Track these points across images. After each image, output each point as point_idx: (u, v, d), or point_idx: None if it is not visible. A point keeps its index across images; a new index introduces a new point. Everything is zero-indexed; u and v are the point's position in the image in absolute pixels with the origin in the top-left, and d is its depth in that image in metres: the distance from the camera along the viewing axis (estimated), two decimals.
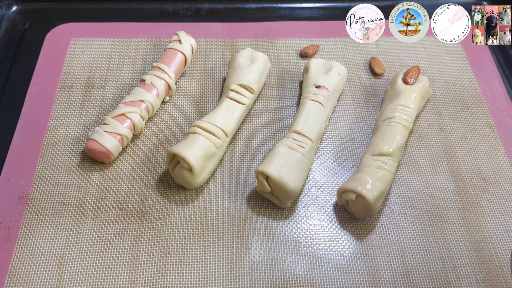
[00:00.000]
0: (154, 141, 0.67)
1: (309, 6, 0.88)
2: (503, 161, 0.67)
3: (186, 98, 0.72)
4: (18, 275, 0.55)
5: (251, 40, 0.81)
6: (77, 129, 0.68)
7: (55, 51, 0.77)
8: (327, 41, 0.81)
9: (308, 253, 0.58)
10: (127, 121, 0.64)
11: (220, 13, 0.86)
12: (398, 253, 0.59)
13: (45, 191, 0.61)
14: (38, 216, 0.59)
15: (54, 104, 0.70)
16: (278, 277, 0.56)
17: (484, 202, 0.63)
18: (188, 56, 0.72)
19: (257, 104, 0.72)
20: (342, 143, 0.68)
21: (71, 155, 0.65)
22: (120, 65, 0.76)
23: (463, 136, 0.70)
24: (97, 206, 0.61)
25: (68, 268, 0.56)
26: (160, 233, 0.59)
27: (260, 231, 0.60)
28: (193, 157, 0.58)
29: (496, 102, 0.74)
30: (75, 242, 0.57)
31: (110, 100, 0.71)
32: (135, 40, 0.79)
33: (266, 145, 0.68)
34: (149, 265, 0.56)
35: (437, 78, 0.77)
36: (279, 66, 0.77)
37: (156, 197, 0.62)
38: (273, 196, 0.60)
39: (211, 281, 0.56)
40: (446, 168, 0.66)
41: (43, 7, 0.85)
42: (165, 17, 0.85)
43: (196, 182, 0.60)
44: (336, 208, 0.62)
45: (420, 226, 0.61)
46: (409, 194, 0.64)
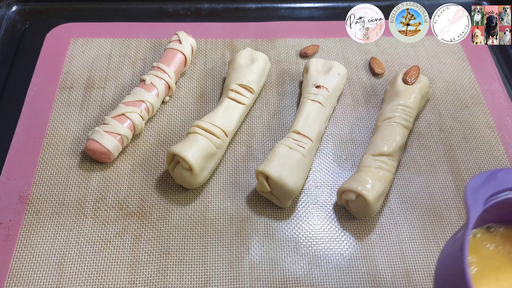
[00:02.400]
0: (154, 141, 0.67)
1: (309, 6, 0.88)
2: (503, 161, 0.67)
3: (186, 98, 0.72)
4: (18, 275, 0.55)
5: (251, 40, 0.81)
6: (77, 129, 0.68)
7: (55, 51, 0.77)
8: (327, 41, 0.81)
9: (308, 253, 0.58)
10: (127, 121, 0.64)
11: (220, 13, 0.86)
12: (398, 253, 0.59)
13: (45, 191, 0.61)
14: (38, 216, 0.59)
15: (54, 104, 0.70)
16: (278, 277, 0.56)
17: None
18: (188, 56, 0.72)
19: (257, 104, 0.72)
20: (342, 143, 0.68)
21: (71, 155, 0.65)
22: (120, 65, 0.76)
23: (463, 136, 0.70)
24: (97, 206, 0.61)
25: (68, 268, 0.56)
26: (160, 233, 0.59)
27: (260, 231, 0.60)
28: (193, 157, 0.58)
29: (496, 102, 0.74)
30: (75, 242, 0.57)
31: (110, 100, 0.71)
32: (135, 40, 0.79)
33: (266, 145, 0.68)
34: (149, 265, 0.56)
35: (437, 78, 0.77)
36: (279, 66, 0.77)
37: (156, 197, 0.62)
38: (273, 196, 0.60)
39: (211, 281, 0.56)
40: (446, 168, 0.66)
41: (43, 7, 0.85)
42: (165, 17, 0.85)
43: (196, 182, 0.60)
44: (336, 208, 0.62)
45: (420, 226, 0.61)
46: (409, 194, 0.64)
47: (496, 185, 0.43)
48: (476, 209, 0.41)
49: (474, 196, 0.42)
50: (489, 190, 0.43)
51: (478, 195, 0.42)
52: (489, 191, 0.43)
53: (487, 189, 0.43)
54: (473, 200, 0.42)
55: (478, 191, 0.42)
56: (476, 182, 0.43)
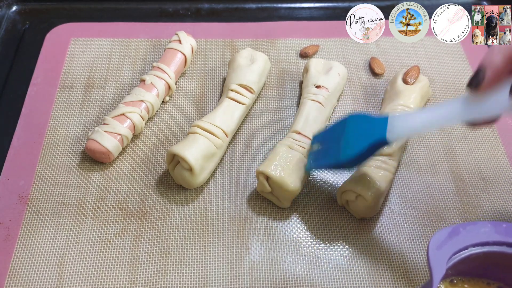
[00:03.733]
0: (154, 141, 0.67)
1: (309, 6, 0.88)
2: (503, 161, 0.67)
3: (186, 98, 0.72)
4: (18, 275, 0.55)
5: (251, 40, 0.81)
6: (77, 129, 0.68)
7: (55, 51, 0.77)
8: (327, 41, 0.81)
9: (308, 253, 0.58)
10: (127, 121, 0.64)
11: (220, 13, 0.86)
12: (398, 253, 0.59)
13: (45, 191, 0.61)
14: (38, 216, 0.59)
15: (54, 104, 0.70)
16: (278, 277, 0.56)
17: (484, 202, 0.63)
18: (188, 56, 0.72)
19: (257, 104, 0.72)
20: None
21: (71, 155, 0.65)
22: (120, 65, 0.76)
23: (463, 136, 0.70)
24: (97, 206, 0.61)
25: (68, 268, 0.56)
26: (160, 233, 0.59)
27: (260, 231, 0.60)
28: (193, 157, 0.58)
29: None
30: (75, 242, 0.57)
31: (110, 100, 0.71)
32: (135, 40, 0.79)
33: (266, 145, 0.68)
34: (149, 265, 0.56)
35: (437, 78, 0.77)
36: (279, 66, 0.77)
37: (156, 197, 0.62)
38: (273, 196, 0.60)
39: (211, 281, 0.56)
40: (446, 168, 0.66)
41: (43, 7, 0.85)
42: (165, 17, 0.85)
43: (196, 182, 0.60)
44: (336, 208, 0.62)
45: (420, 226, 0.61)
46: (409, 194, 0.64)
47: (458, 242, 0.43)
48: (440, 270, 0.40)
49: (436, 256, 0.41)
50: (452, 248, 0.42)
51: (440, 254, 0.41)
52: (452, 249, 0.42)
53: (450, 247, 0.42)
54: (435, 260, 0.41)
55: (441, 249, 0.42)
56: (438, 239, 0.42)
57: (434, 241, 0.42)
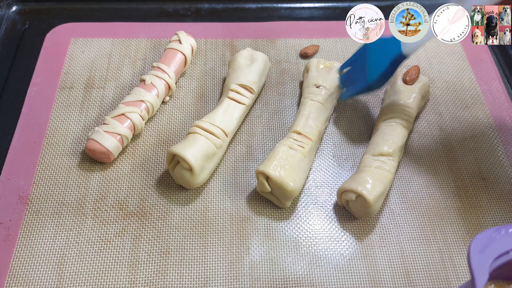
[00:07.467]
0: (154, 141, 0.67)
1: (309, 6, 0.88)
2: (503, 161, 0.67)
3: (186, 98, 0.72)
4: (18, 275, 0.55)
5: (251, 40, 0.81)
6: (77, 129, 0.68)
7: (55, 51, 0.77)
8: (327, 41, 0.81)
9: (308, 253, 0.58)
10: (127, 121, 0.64)
11: (220, 13, 0.86)
12: (398, 253, 0.59)
13: (45, 191, 0.61)
14: (38, 216, 0.59)
15: (54, 104, 0.70)
16: (278, 277, 0.56)
17: (484, 202, 0.63)
18: (188, 56, 0.72)
19: (257, 104, 0.72)
20: (342, 143, 0.68)
21: (71, 155, 0.65)
22: (120, 65, 0.76)
23: (463, 136, 0.70)
24: (97, 206, 0.61)
25: (68, 268, 0.56)
26: (160, 233, 0.59)
27: (260, 231, 0.60)
28: (193, 157, 0.58)
29: (496, 102, 0.74)
30: (75, 242, 0.57)
31: (110, 100, 0.71)
32: (135, 40, 0.79)
33: (266, 145, 0.68)
34: (149, 265, 0.56)
35: (437, 78, 0.77)
36: (279, 66, 0.77)
37: (156, 197, 0.62)
38: (273, 196, 0.60)
39: (211, 281, 0.56)
40: (446, 168, 0.66)
41: (43, 7, 0.85)
42: (165, 17, 0.85)
43: (196, 182, 0.60)
44: (336, 208, 0.62)
45: (420, 226, 0.61)
46: (409, 194, 0.64)
47: (501, 245, 0.40)
48: (483, 275, 0.37)
49: (479, 260, 0.38)
50: (495, 251, 0.39)
51: (483, 257, 0.38)
52: (494, 252, 0.39)
53: (492, 250, 0.39)
54: (478, 264, 0.38)
55: (483, 252, 0.39)
56: (480, 242, 0.39)
57: (476, 244, 0.39)
